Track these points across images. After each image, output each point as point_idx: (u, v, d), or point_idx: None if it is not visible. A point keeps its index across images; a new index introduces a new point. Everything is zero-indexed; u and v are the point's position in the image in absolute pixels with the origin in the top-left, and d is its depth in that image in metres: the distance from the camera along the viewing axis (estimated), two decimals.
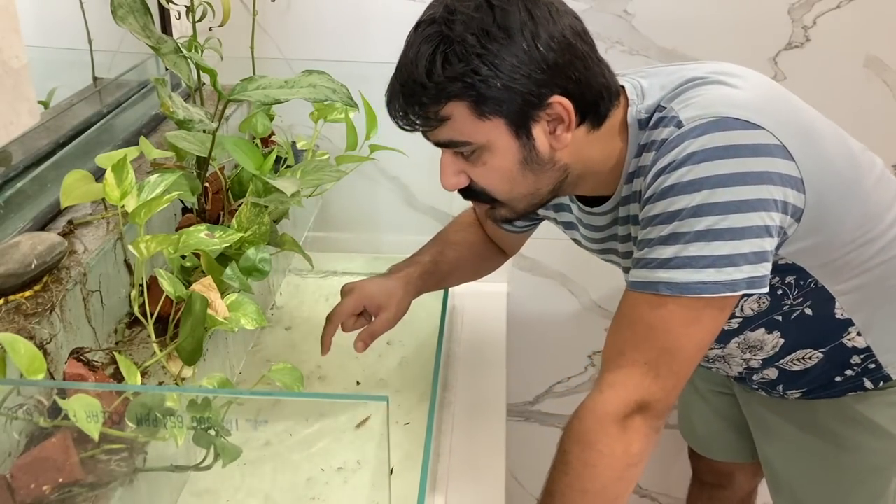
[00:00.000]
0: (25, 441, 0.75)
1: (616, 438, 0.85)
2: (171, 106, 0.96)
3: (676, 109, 0.86)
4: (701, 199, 0.81)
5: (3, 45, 0.60)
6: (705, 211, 0.81)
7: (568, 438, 0.89)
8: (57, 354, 0.81)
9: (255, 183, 1.04)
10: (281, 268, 1.47)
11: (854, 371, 1.03)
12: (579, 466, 0.87)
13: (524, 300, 1.65)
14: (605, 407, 0.86)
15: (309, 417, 1.10)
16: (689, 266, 0.82)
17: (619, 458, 0.86)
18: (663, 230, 0.84)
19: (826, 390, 1.06)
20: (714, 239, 0.81)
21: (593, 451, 0.86)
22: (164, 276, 0.85)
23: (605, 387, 0.87)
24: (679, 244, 0.82)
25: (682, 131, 0.84)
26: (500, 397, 1.26)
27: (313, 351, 1.30)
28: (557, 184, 0.92)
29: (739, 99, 0.85)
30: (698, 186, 0.81)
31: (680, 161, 0.82)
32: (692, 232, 0.82)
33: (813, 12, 1.41)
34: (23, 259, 0.80)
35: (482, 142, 0.87)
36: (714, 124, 0.82)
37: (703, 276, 0.82)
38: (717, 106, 0.84)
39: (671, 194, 0.83)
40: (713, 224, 0.81)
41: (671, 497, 1.90)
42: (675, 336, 0.85)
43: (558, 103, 0.85)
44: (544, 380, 1.77)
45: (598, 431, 0.86)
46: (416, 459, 1.00)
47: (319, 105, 1.23)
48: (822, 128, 0.93)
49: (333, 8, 1.44)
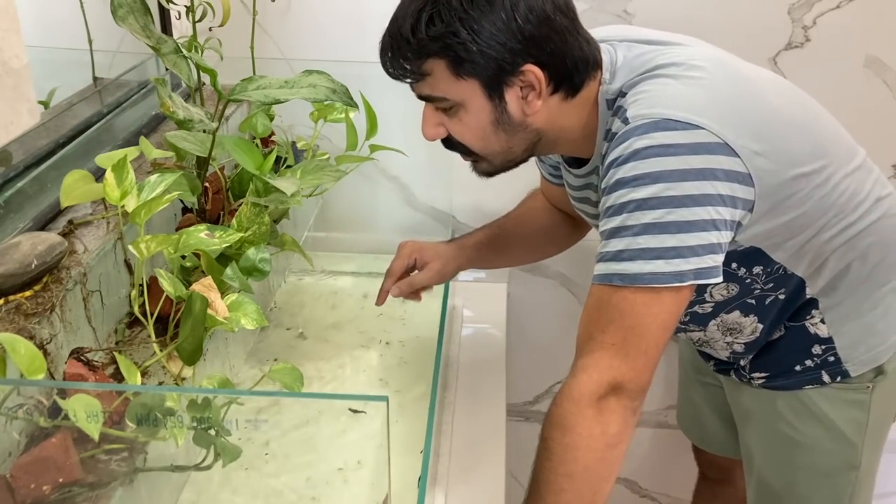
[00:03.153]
0: (25, 441, 0.75)
1: (593, 420, 0.88)
2: (171, 106, 0.96)
3: (628, 103, 0.91)
4: (647, 193, 0.85)
5: (3, 45, 0.60)
6: (652, 205, 0.85)
7: (548, 424, 0.91)
8: (57, 354, 0.81)
9: (255, 183, 1.04)
10: (281, 268, 1.47)
11: (814, 361, 1.06)
12: (560, 451, 0.89)
13: (524, 300, 1.65)
14: (580, 389, 0.89)
15: (309, 417, 1.10)
16: (639, 258, 0.86)
17: (597, 439, 0.88)
18: (613, 222, 0.88)
19: (786, 378, 1.09)
20: (661, 232, 0.85)
21: (573, 433, 0.88)
22: (164, 276, 0.85)
23: (577, 371, 0.90)
24: (628, 237, 0.87)
25: (627, 128, 0.88)
26: (500, 397, 1.26)
27: (313, 351, 1.30)
28: (530, 145, 0.98)
29: (684, 99, 0.89)
30: (644, 181, 0.85)
31: (626, 157, 0.87)
32: (639, 224, 0.86)
33: (813, 12, 1.41)
34: (23, 259, 0.80)
35: (458, 99, 0.93)
36: (654, 125, 0.86)
37: (651, 267, 0.86)
38: (659, 107, 0.88)
39: (619, 188, 0.87)
40: (659, 217, 0.85)
41: (671, 497, 1.90)
42: (638, 316, 0.88)
43: (531, 72, 0.90)
44: (544, 380, 1.77)
45: (576, 414, 0.88)
46: (416, 459, 1.00)
47: (319, 105, 1.23)
48: (783, 119, 0.95)
49: (333, 8, 1.44)
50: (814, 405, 1.08)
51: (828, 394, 1.08)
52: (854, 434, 1.09)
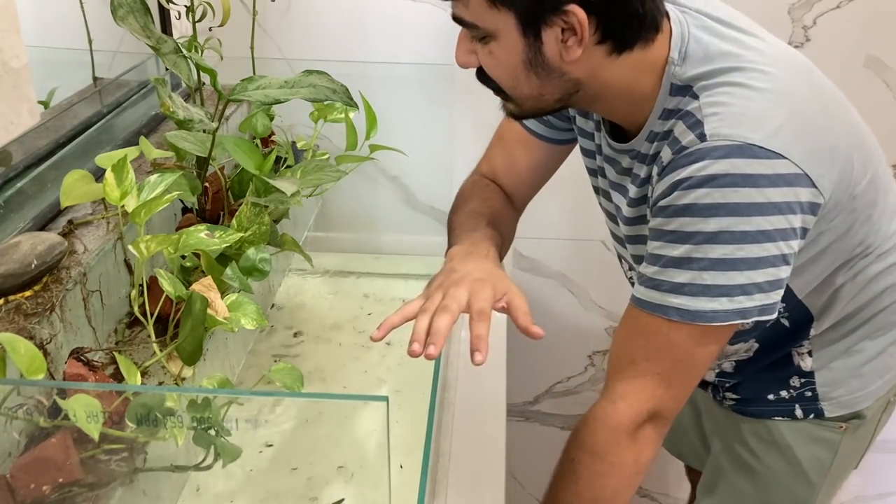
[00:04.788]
0: (25, 441, 0.75)
1: (628, 449, 0.85)
2: (171, 106, 0.96)
3: (703, 112, 0.82)
4: (718, 226, 0.79)
5: (3, 45, 0.60)
6: (722, 239, 0.79)
7: (577, 448, 0.88)
8: (57, 354, 0.81)
9: (255, 183, 1.04)
10: (281, 268, 1.47)
11: (789, 393, 1.02)
12: (589, 476, 0.86)
13: None
14: (619, 418, 0.85)
15: (309, 417, 1.10)
16: (703, 294, 0.81)
17: (629, 468, 0.86)
18: (676, 250, 0.82)
19: (757, 405, 1.05)
20: (729, 269, 0.80)
21: (604, 462, 0.86)
22: (164, 276, 0.85)
23: (616, 397, 0.86)
24: (693, 270, 0.81)
25: (703, 147, 0.80)
26: (500, 397, 1.26)
27: (313, 351, 1.30)
28: (565, 95, 0.89)
29: (769, 122, 0.81)
30: (715, 211, 0.79)
31: (699, 181, 0.80)
32: (706, 259, 0.80)
33: (813, 12, 1.41)
34: (23, 259, 0.80)
35: (490, 29, 0.84)
36: (738, 150, 0.79)
37: (715, 305, 0.81)
38: (743, 128, 0.80)
39: (687, 214, 0.81)
40: (729, 254, 0.80)
41: (671, 497, 1.90)
42: (688, 351, 0.84)
43: (574, 14, 0.80)
44: (544, 380, 1.77)
45: (612, 443, 0.85)
46: (416, 459, 1.00)
47: (319, 105, 1.23)
48: (851, 132, 0.90)
49: (333, 8, 1.44)
50: (780, 435, 1.04)
51: (797, 426, 1.03)
52: (815, 474, 1.04)
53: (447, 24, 0.90)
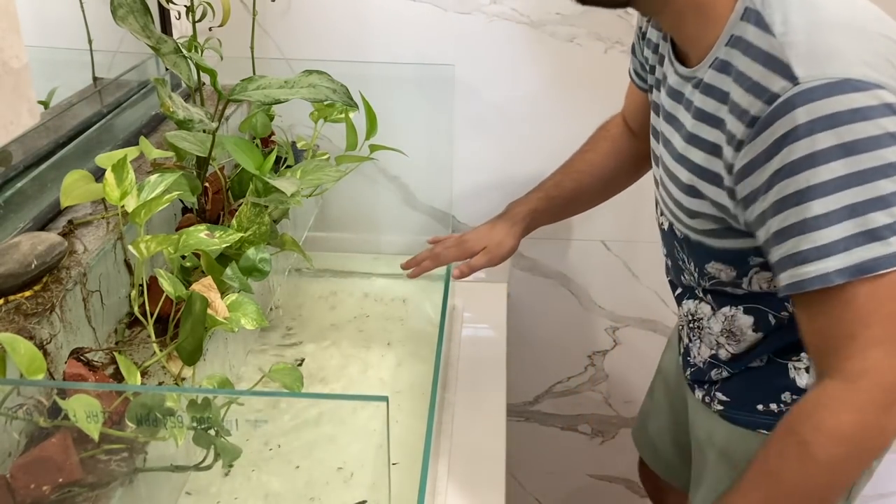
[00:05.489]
0: (25, 441, 0.75)
1: (876, 429, 0.78)
2: (171, 106, 0.96)
3: (785, 52, 0.76)
4: (840, 170, 0.73)
5: (3, 45, 0.60)
6: (851, 182, 0.73)
7: (815, 431, 0.79)
8: (57, 354, 0.81)
9: (255, 183, 1.04)
10: (281, 268, 1.47)
11: (778, 407, 0.99)
12: (828, 460, 0.79)
13: (524, 300, 1.65)
14: (862, 396, 0.78)
15: (309, 417, 1.10)
16: (861, 244, 0.74)
17: (871, 452, 0.79)
18: (808, 211, 0.75)
19: (745, 413, 1.02)
20: (888, 206, 0.73)
21: (850, 445, 0.78)
22: (164, 276, 0.85)
23: (853, 377, 0.78)
24: (833, 226, 0.74)
25: (798, 90, 0.74)
26: (500, 397, 1.26)
27: (313, 351, 1.30)
28: None
29: (858, 53, 0.75)
30: (833, 155, 0.73)
31: (805, 129, 0.74)
32: (844, 208, 0.74)
33: None
34: (23, 259, 0.80)
35: None
36: (837, 86, 0.73)
37: (874, 252, 0.74)
38: (835, 61, 0.74)
39: (806, 167, 0.74)
40: (883, 189, 0.73)
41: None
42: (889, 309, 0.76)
43: None
44: (544, 380, 1.77)
45: (863, 427, 0.78)
46: (416, 459, 1.00)
47: (319, 105, 1.23)
48: None
49: (333, 8, 1.44)
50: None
51: None
52: None
53: (447, 24, 0.89)
